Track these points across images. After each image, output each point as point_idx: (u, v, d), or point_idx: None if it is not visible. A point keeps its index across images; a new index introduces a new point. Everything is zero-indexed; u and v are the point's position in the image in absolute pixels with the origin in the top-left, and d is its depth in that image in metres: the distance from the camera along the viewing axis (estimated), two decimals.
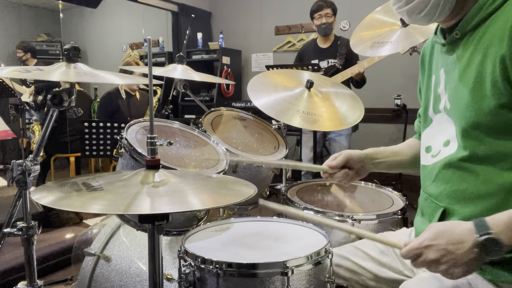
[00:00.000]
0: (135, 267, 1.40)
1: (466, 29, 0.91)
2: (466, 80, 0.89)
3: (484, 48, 0.86)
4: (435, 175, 0.99)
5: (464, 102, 0.89)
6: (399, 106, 3.88)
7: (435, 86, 1.02)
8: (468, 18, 0.90)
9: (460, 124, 0.91)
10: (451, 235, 0.81)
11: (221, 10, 5.58)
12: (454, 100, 0.93)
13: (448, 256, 0.80)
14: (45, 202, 0.81)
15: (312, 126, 1.61)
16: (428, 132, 1.06)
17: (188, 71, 1.83)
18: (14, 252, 2.30)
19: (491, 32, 0.85)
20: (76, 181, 0.96)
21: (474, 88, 0.87)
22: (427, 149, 1.04)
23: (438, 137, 1.00)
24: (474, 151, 0.89)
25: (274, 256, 1.02)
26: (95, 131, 2.90)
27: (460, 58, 0.92)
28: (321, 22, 3.21)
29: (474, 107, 0.87)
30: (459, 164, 0.92)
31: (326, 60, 3.28)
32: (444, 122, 0.98)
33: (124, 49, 6.08)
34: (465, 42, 0.92)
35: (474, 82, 0.87)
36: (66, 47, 1.20)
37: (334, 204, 1.65)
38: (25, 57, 4.67)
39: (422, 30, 1.75)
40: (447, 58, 0.97)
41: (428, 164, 1.03)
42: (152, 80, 0.95)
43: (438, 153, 0.99)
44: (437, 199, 0.98)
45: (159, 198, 0.86)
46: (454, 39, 0.94)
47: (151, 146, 0.95)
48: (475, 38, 0.89)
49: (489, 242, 0.77)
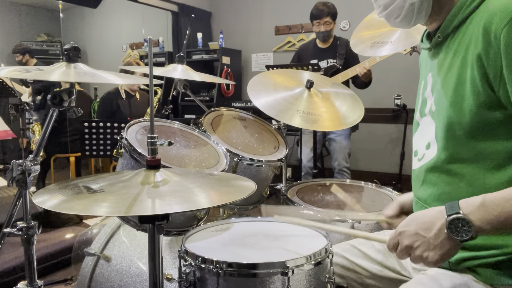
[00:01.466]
0: (135, 267, 1.40)
1: (447, 32, 0.92)
2: (448, 82, 0.90)
3: (464, 49, 0.87)
4: (422, 179, 1.00)
5: (447, 103, 0.90)
6: (399, 106, 3.88)
7: (423, 90, 1.04)
8: (448, 20, 0.91)
9: (442, 124, 0.91)
10: (422, 219, 0.84)
11: (221, 10, 5.58)
12: (438, 102, 0.94)
13: (421, 240, 0.82)
14: (47, 206, 0.81)
15: (312, 126, 1.61)
16: (416, 136, 1.07)
17: (188, 71, 1.83)
18: (14, 252, 2.30)
19: (469, 33, 0.86)
20: (77, 184, 0.96)
21: (455, 88, 0.88)
22: (415, 153, 1.06)
23: (422, 140, 1.01)
24: (455, 152, 0.90)
25: (274, 256, 1.02)
26: (95, 131, 2.90)
27: (443, 60, 0.94)
28: (320, 30, 3.21)
29: (455, 107, 0.88)
30: (442, 166, 0.93)
31: (326, 60, 3.28)
32: (428, 125, 0.99)
33: (124, 49, 6.08)
34: (447, 44, 0.93)
35: (455, 83, 0.88)
36: (66, 47, 1.20)
37: (334, 204, 1.65)
38: (24, 59, 4.67)
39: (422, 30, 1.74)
40: (433, 62, 0.99)
41: (415, 168, 1.05)
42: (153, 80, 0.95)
43: (423, 156, 1.00)
44: (426, 203, 0.98)
45: (162, 198, 0.86)
46: (437, 42, 0.95)
47: (152, 146, 0.95)
48: (456, 40, 0.90)
49: (458, 221, 0.78)
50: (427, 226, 0.82)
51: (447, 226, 0.79)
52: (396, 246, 0.87)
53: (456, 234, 0.78)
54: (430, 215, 0.84)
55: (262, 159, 1.66)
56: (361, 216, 1.34)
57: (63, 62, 1.21)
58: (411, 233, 0.84)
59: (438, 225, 0.80)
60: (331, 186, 1.88)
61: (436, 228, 0.80)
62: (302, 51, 3.51)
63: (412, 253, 0.84)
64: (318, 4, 3.24)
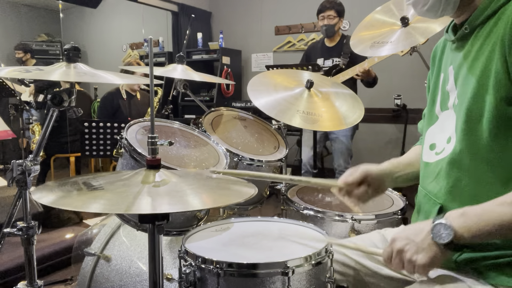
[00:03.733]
0: (135, 267, 1.40)
1: (475, 24, 0.92)
2: (472, 74, 0.90)
3: (492, 43, 0.86)
4: (437, 172, 0.99)
5: (469, 95, 0.89)
6: (399, 106, 3.87)
7: (443, 84, 1.03)
8: (478, 12, 0.91)
9: (462, 116, 0.91)
10: (413, 227, 0.90)
11: (221, 10, 5.58)
12: (462, 94, 0.93)
13: (410, 243, 0.87)
14: (45, 201, 0.80)
15: (312, 126, 1.61)
16: (433, 129, 1.06)
17: (188, 71, 1.83)
18: (14, 252, 2.30)
19: (498, 27, 0.86)
20: (77, 181, 0.96)
21: (479, 81, 0.88)
22: (431, 147, 1.05)
23: (442, 134, 1.00)
24: (470, 146, 0.90)
25: (274, 256, 1.02)
26: (95, 131, 2.89)
27: (469, 52, 0.93)
28: (323, 23, 3.21)
29: (477, 99, 0.87)
30: (458, 161, 0.92)
31: (332, 58, 3.28)
32: (449, 119, 0.98)
33: (124, 49, 6.08)
34: (474, 36, 0.92)
35: (479, 75, 0.88)
36: (66, 47, 1.20)
37: (334, 204, 1.65)
38: (24, 57, 4.68)
39: (421, 30, 1.75)
40: (457, 54, 0.98)
41: (431, 161, 1.04)
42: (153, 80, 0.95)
43: (442, 150, 0.99)
44: (436, 196, 0.98)
45: (160, 198, 0.86)
46: (464, 34, 0.95)
47: (152, 146, 0.95)
48: (484, 32, 0.90)
49: (440, 226, 0.83)
50: (416, 231, 0.87)
51: (431, 230, 0.84)
52: (390, 254, 0.90)
53: (437, 237, 0.83)
54: (421, 223, 0.89)
55: (262, 159, 1.66)
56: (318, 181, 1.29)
57: (63, 62, 1.21)
58: (402, 237, 0.89)
59: (426, 230, 0.85)
60: None
61: (424, 233, 0.85)
62: (311, 49, 3.51)
63: (403, 257, 0.87)
64: (324, 1, 3.24)
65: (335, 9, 3.17)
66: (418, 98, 3.92)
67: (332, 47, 3.32)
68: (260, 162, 1.65)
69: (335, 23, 3.20)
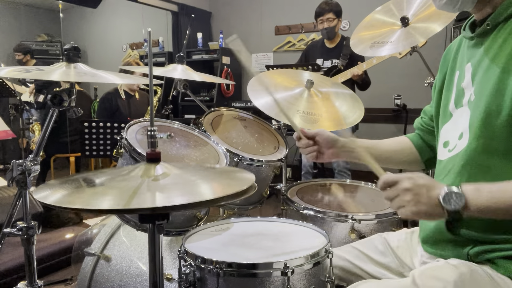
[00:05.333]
0: (135, 267, 1.40)
1: (498, 20, 0.91)
2: (493, 71, 0.89)
3: None
4: (449, 169, 0.99)
5: (488, 91, 0.89)
6: (399, 106, 3.88)
7: (459, 81, 1.03)
8: (502, 9, 0.90)
9: (479, 113, 0.91)
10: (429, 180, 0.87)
11: (221, 10, 5.58)
12: (480, 89, 0.93)
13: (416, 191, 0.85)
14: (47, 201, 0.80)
15: (312, 126, 1.61)
16: (447, 127, 1.06)
17: (188, 71, 1.83)
18: (14, 252, 2.30)
19: None
20: (77, 178, 0.95)
21: (500, 77, 0.87)
22: (445, 144, 1.05)
23: (455, 131, 1.00)
24: (487, 143, 0.90)
25: (274, 256, 1.02)
26: (95, 131, 2.89)
27: (489, 48, 0.93)
28: (323, 27, 3.21)
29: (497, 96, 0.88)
30: (472, 158, 0.93)
31: (331, 60, 3.28)
32: (463, 116, 0.98)
33: (124, 49, 6.08)
34: (496, 33, 0.92)
35: (500, 71, 0.87)
36: (66, 47, 1.20)
37: (334, 204, 1.65)
38: (25, 59, 4.67)
39: (421, 30, 1.74)
40: (475, 51, 0.98)
41: (443, 158, 1.04)
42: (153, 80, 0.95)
43: (455, 147, 0.99)
44: None
45: (163, 190, 0.84)
46: (484, 30, 0.94)
47: (151, 139, 0.94)
48: (506, 29, 0.89)
49: (453, 193, 0.82)
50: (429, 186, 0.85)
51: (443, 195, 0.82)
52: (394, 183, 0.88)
53: (446, 202, 0.82)
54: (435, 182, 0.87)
55: (262, 159, 1.66)
56: None
57: (63, 62, 1.21)
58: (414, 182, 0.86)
59: (437, 190, 0.84)
60: (331, 186, 1.88)
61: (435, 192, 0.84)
62: (310, 49, 3.51)
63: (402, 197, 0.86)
64: (321, 3, 3.24)
65: (333, 10, 3.18)
66: (418, 98, 3.93)
67: (332, 48, 3.32)
68: (260, 162, 1.65)
69: (335, 24, 3.21)
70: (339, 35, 3.32)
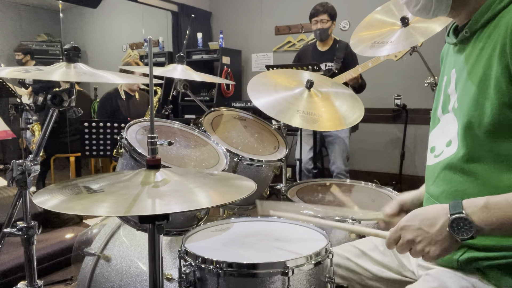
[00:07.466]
0: (135, 267, 1.40)
1: (475, 28, 0.91)
2: (472, 79, 0.89)
3: (491, 47, 0.85)
4: (436, 175, 0.99)
5: (470, 99, 0.89)
6: (399, 106, 3.87)
7: (446, 86, 1.03)
8: (478, 16, 0.90)
9: (462, 121, 0.91)
10: (425, 215, 0.85)
11: (221, 10, 5.58)
12: (462, 98, 0.93)
13: (423, 235, 0.83)
14: (47, 206, 0.80)
15: (312, 126, 1.61)
16: (435, 132, 1.06)
17: (188, 71, 1.82)
18: (14, 252, 2.30)
19: (498, 31, 0.85)
20: (77, 184, 0.96)
21: (479, 86, 0.87)
22: (432, 149, 1.05)
23: (442, 137, 1.00)
24: (473, 151, 0.89)
25: (274, 256, 1.02)
26: (95, 131, 2.90)
27: (469, 56, 0.92)
28: (316, 27, 3.22)
29: (477, 105, 0.87)
30: (459, 165, 0.92)
31: (324, 63, 3.28)
32: (450, 122, 0.98)
33: (124, 49, 6.08)
34: (474, 40, 0.92)
35: (479, 80, 0.87)
36: (66, 47, 1.19)
37: (334, 204, 1.65)
38: (24, 59, 4.67)
39: (421, 30, 1.74)
40: (458, 57, 0.97)
41: (430, 164, 1.04)
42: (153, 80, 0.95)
43: (441, 153, 0.99)
44: (438, 200, 0.97)
45: (162, 198, 0.86)
46: (464, 37, 0.94)
47: (152, 146, 0.95)
48: (484, 36, 0.89)
49: (460, 221, 0.79)
50: (430, 222, 0.83)
51: (449, 225, 0.80)
52: (397, 240, 0.88)
53: (457, 233, 0.79)
54: (433, 211, 0.85)
55: (262, 159, 1.66)
56: (361, 215, 1.34)
57: (63, 62, 1.21)
58: (414, 228, 0.85)
59: (441, 222, 0.81)
60: (331, 186, 1.88)
61: (439, 225, 0.81)
62: (302, 53, 3.52)
63: (414, 248, 0.85)
64: (316, 5, 3.26)
65: (328, 12, 3.19)
66: (418, 98, 3.93)
67: (324, 52, 3.33)
68: (260, 162, 1.65)
69: (328, 26, 3.22)
70: (332, 38, 3.32)
